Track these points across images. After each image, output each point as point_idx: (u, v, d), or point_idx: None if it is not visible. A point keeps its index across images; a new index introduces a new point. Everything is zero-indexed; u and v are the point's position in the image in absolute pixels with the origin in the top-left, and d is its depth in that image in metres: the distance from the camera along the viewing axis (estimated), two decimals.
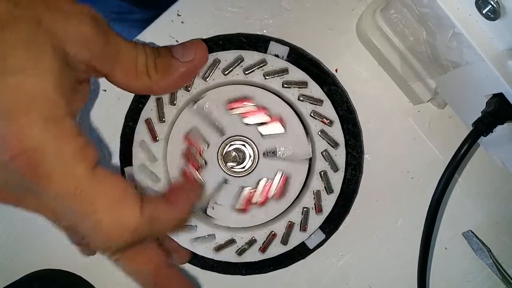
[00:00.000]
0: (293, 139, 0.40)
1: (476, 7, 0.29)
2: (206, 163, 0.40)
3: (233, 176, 0.40)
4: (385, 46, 0.39)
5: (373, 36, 0.39)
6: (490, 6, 0.28)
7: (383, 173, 0.42)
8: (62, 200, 0.28)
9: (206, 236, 0.40)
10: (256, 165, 0.40)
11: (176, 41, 0.42)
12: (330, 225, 0.41)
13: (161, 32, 0.42)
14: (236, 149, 0.40)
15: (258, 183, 0.40)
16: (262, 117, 0.39)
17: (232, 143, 0.40)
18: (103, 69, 0.32)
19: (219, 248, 0.40)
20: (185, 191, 0.34)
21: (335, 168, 0.39)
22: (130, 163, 0.40)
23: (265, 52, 0.40)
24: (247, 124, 0.40)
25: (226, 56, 0.39)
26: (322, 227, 0.40)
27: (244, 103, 0.39)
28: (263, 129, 0.39)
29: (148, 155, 0.40)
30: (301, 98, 0.39)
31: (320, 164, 0.40)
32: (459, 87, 0.35)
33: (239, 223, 0.40)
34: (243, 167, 0.40)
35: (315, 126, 0.39)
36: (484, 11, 0.29)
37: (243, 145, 0.40)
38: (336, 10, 0.42)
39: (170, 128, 0.39)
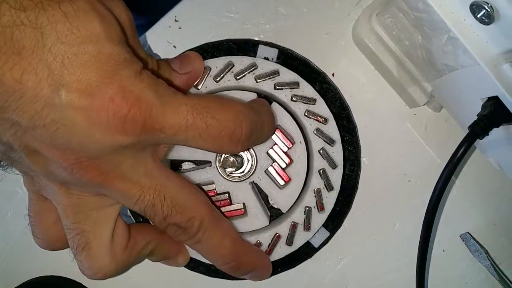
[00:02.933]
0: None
1: (471, 11, 0.29)
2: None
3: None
4: (381, 50, 0.40)
5: (369, 41, 0.40)
6: (484, 10, 0.28)
7: (380, 176, 0.42)
8: (181, 134, 0.31)
9: None
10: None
11: (174, 46, 0.42)
12: (334, 222, 0.41)
13: (158, 37, 0.42)
14: (234, 155, 0.40)
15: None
16: None
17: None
18: None
19: None
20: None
21: (333, 165, 0.40)
22: None
23: (255, 56, 0.40)
24: None
25: (217, 63, 0.40)
26: (325, 225, 0.40)
27: None
28: (272, 152, 0.39)
29: None
30: (294, 99, 0.39)
31: (318, 163, 0.40)
32: (455, 91, 0.36)
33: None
34: (243, 172, 0.40)
35: (310, 125, 0.40)
36: (478, 16, 0.29)
37: (248, 163, 0.40)
38: (332, 15, 0.42)
39: None
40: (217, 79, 0.39)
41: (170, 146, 0.37)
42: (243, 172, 0.39)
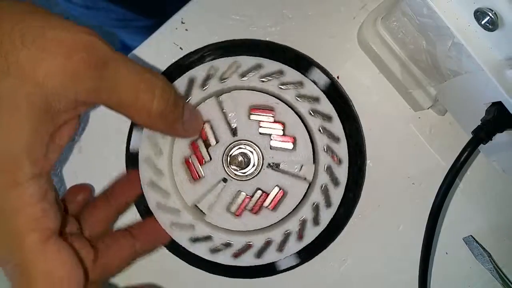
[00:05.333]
0: (300, 157, 0.40)
1: (475, 18, 0.29)
2: (210, 158, 0.40)
3: (232, 178, 0.40)
4: (385, 54, 0.40)
5: (374, 44, 0.40)
6: (489, 17, 0.28)
7: (385, 179, 0.43)
8: (7, 266, 0.28)
9: (222, 245, 0.41)
10: (257, 174, 0.40)
11: (180, 48, 0.42)
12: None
13: (165, 39, 0.43)
14: (243, 154, 0.40)
15: (255, 192, 0.40)
16: (277, 131, 0.40)
17: (240, 146, 0.40)
18: (94, 102, 0.30)
19: (234, 253, 0.40)
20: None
21: (339, 162, 0.40)
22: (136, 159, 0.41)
23: (304, 75, 0.41)
24: (261, 134, 0.40)
25: (247, 61, 0.40)
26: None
27: (266, 113, 0.40)
28: (274, 142, 0.40)
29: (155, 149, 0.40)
30: (311, 113, 0.40)
31: (324, 159, 0.40)
32: (459, 95, 0.36)
33: (236, 227, 0.40)
34: (245, 173, 0.40)
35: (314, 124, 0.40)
36: (482, 22, 0.29)
37: (251, 151, 0.40)
38: (338, 18, 0.43)
39: None
40: (243, 78, 0.40)
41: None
42: (254, 164, 0.40)
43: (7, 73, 0.26)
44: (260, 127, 0.40)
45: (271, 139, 0.40)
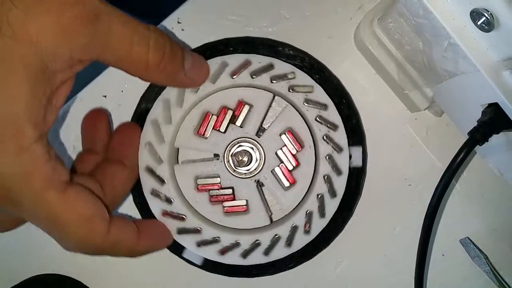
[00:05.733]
0: (286, 201, 0.40)
1: (471, 18, 0.29)
2: (225, 131, 0.39)
3: (224, 162, 0.40)
4: (382, 54, 0.40)
5: (371, 45, 0.40)
6: (485, 18, 0.28)
7: (381, 180, 0.43)
8: (35, 221, 0.30)
9: (231, 245, 0.40)
10: (243, 178, 0.40)
11: None
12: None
13: None
14: (249, 154, 0.40)
15: (227, 187, 0.40)
16: (289, 165, 0.39)
17: (253, 147, 0.40)
18: (90, 58, 0.30)
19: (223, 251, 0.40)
20: (158, 234, 0.37)
21: (339, 172, 0.40)
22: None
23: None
24: (276, 154, 0.39)
25: (235, 59, 0.39)
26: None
27: (295, 143, 0.39)
28: (278, 170, 0.39)
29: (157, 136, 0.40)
30: (317, 119, 0.40)
31: (324, 168, 0.40)
32: (455, 96, 0.36)
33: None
34: (235, 169, 0.40)
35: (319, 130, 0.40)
36: (478, 23, 0.29)
37: (256, 159, 0.40)
38: (334, 19, 0.42)
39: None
40: (234, 76, 0.40)
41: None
42: (249, 169, 0.40)
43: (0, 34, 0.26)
44: (281, 149, 0.39)
45: (279, 167, 0.39)
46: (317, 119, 0.39)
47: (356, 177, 0.40)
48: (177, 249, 0.40)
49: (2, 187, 0.28)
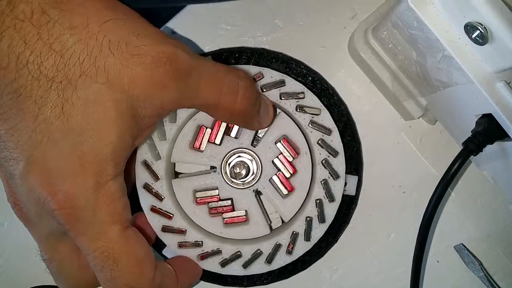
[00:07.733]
0: (284, 209, 0.40)
1: (465, 31, 0.29)
2: (220, 144, 0.39)
3: (222, 174, 0.40)
4: (376, 64, 0.40)
5: (365, 54, 0.40)
6: (479, 31, 0.29)
7: (376, 187, 0.43)
8: (92, 253, 0.30)
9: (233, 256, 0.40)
10: (241, 189, 0.40)
11: None
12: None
13: None
14: (246, 166, 0.39)
15: (226, 199, 0.40)
16: (286, 172, 0.39)
17: (249, 158, 0.40)
18: (178, 108, 0.33)
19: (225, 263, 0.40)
20: (190, 270, 0.38)
21: (336, 176, 0.40)
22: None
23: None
24: (273, 163, 0.39)
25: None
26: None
27: (291, 151, 0.39)
28: (276, 179, 0.39)
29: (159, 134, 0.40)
30: (310, 125, 0.40)
31: (321, 173, 0.40)
32: (449, 106, 0.36)
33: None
34: (232, 180, 0.40)
35: (319, 154, 0.40)
36: (473, 36, 0.29)
37: (253, 171, 0.40)
38: (328, 28, 0.43)
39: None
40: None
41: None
42: (247, 179, 0.40)
43: (95, 78, 0.27)
44: (277, 157, 0.39)
45: (276, 175, 0.39)
46: (319, 142, 0.39)
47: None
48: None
49: (72, 216, 0.29)
